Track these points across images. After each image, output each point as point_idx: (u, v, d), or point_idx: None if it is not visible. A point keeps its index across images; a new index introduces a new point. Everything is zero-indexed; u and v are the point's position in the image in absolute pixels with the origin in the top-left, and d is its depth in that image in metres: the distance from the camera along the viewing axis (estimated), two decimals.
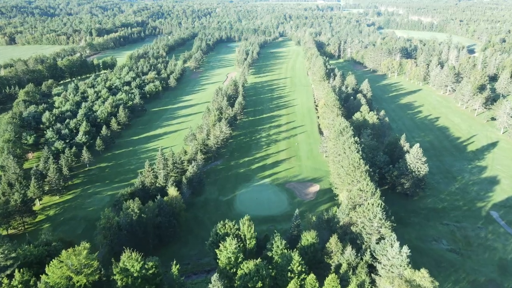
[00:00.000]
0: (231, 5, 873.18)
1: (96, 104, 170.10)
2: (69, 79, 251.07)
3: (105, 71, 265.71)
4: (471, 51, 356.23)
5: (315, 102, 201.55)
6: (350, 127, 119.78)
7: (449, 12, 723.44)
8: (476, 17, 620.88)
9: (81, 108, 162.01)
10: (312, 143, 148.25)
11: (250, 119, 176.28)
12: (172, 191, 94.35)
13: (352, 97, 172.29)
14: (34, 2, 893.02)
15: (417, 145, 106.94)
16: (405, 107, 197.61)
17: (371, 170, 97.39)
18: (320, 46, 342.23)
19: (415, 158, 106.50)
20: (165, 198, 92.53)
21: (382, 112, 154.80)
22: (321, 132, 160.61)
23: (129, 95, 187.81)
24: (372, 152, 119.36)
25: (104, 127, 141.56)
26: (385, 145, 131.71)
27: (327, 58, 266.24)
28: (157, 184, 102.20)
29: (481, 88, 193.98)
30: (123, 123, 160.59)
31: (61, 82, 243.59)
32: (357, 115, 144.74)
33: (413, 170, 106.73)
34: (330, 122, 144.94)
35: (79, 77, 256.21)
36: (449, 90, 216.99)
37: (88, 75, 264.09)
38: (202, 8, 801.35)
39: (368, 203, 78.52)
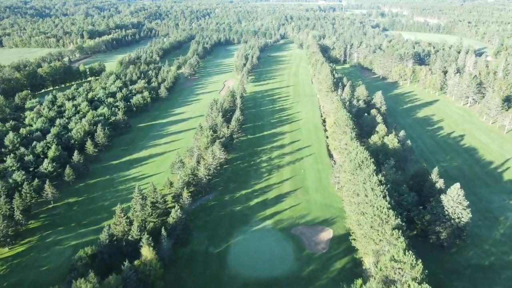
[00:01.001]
0: (230, 6, 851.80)
1: (72, 120, 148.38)
2: (52, 88, 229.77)
3: (92, 78, 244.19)
4: (482, 55, 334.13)
5: (321, 116, 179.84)
6: (370, 158, 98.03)
7: (455, 13, 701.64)
8: (484, 18, 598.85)
9: (54, 126, 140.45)
10: (320, 170, 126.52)
11: (249, 137, 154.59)
12: (146, 251, 72.75)
13: (366, 114, 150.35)
14: (30, 2, 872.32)
15: (457, 186, 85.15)
16: (423, 121, 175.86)
17: (403, 224, 75.61)
18: (325, 50, 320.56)
19: (455, 202, 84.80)
20: (136, 262, 71.01)
21: (402, 133, 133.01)
22: (330, 155, 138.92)
23: (112, 109, 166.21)
24: (396, 188, 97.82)
25: (76, 152, 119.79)
26: (410, 176, 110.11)
27: (334, 65, 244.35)
28: (129, 237, 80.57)
29: (507, 100, 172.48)
30: (102, 144, 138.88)
31: (43, 91, 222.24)
32: (374, 138, 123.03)
33: (452, 216, 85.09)
34: (342, 146, 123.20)
35: (63, 85, 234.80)
36: (470, 102, 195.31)
37: (73, 83, 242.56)
38: (201, 8, 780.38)
39: (409, 286, 56.88)
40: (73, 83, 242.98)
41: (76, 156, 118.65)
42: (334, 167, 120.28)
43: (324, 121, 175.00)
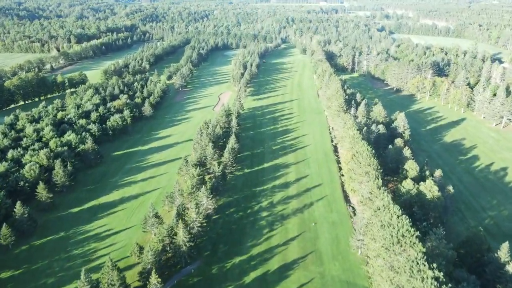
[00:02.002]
0: (230, 7, 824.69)
1: (28, 152, 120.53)
2: (24, 103, 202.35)
3: (68, 91, 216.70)
4: (499, 61, 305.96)
5: (332, 141, 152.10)
6: (413, 231, 70.06)
7: (464, 15, 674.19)
8: (495, 21, 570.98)
9: (3, 162, 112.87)
10: (336, 223, 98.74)
11: (245, 172, 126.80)
12: None
13: (390, 146, 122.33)
14: (25, 3, 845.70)
15: None
16: (453, 148, 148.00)
17: None
18: (331, 57, 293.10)
19: None
20: None
21: (439, 173, 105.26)
22: (346, 197, 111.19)
23: (83, 134, 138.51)
24: (448, 268, 70.23)
25: (18, 204, 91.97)
26: (459, 243, 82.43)
27: (344, 78, 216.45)
28: None
29: None
30: (62, 184, 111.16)
31: (12, 106, 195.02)
32: (406, 185, 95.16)
33: None
34: (365, 194, 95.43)
35: (37, 99, 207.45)
36: (505, 122, 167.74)
37: (50, 96, 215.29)
38: (200, 10, 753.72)
39: None
40: (50, 96, 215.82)
41: (19, 209, 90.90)
42: (354, 223, 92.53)
43: (335, 148, 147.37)
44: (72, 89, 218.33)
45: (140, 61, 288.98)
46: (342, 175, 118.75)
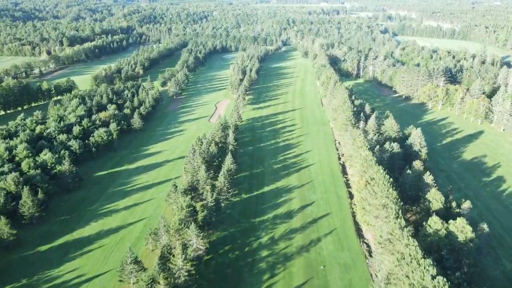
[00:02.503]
0: (229, 8, 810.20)
1: None
2: (4, 113, 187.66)
3: (59, 97, 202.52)
4: (508, 65, 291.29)
5: (339, 159, 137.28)
6: None
7: (468, 16, 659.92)
8: (501, 23, 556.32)
9: None
10: (349, 266, 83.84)
11: (243, 197, 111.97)
12: None
13: (408, 170, 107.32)
14: (21, 3, 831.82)
15: None
16: (475, 168, 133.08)
17: None
18: (334, 62, 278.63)
19: None
20: None
21: (467, 205, 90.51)
22: (359, 233, 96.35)
23: (62, 152, 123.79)
24: None
25: None
26: None
27: (350, 87, 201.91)
28: None
29: None
30: (30, 216, 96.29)
31: None
32: (434, 224, 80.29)
33: None
34: (384, 235, 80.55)
35: (20, 108, 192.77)
36: None
37: (34, 104, 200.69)
38: (198, 11, 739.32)
39: None
40: (34, 104, 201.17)
41: None
42: (370, 266, 77.74)
43: (343, 167, 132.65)
44: (60, 97, 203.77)
45: (134, 65, 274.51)
46: (353, 204, 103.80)
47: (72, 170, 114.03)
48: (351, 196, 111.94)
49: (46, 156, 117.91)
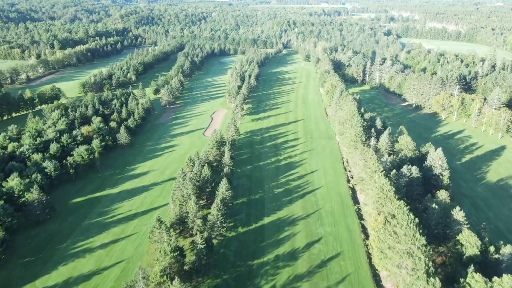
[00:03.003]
0: (229, 9, 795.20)
1: None
2: None
3: (42, 106, 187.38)
4: None
5: (349, 182, 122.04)
6: None
7: (473, 18, 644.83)
8: (508, 24, 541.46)
9: None
10: None
11: (240, 231, 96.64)
12: None
13: (428, 197, 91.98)
14: (18, 4, 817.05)
15: None
16: (503, 193, 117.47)
17: None
18: (338, 67, 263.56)
19: None
20: None
21: (508, 250, 75.20)
22: (377, 281, 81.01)
23: (33, 175, 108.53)
24: None
25: None
26: None
27: (357, 97, 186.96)
28: None
29: None
30: None
31: None
32: (475, 283, 64.87)
33: None
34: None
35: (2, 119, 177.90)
36: None
37: (15, 115, 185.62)
38: (197, 12, 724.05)
39: None
40: (16, 114, 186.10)
41: None
42: None
43: (353, 190, 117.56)
44: (44, 106, 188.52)
45: (126, 70, 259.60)
46: (369, 244, 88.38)
47: (42, 200, 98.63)
48: (364, 229, 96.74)
49: (14, 181, 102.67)
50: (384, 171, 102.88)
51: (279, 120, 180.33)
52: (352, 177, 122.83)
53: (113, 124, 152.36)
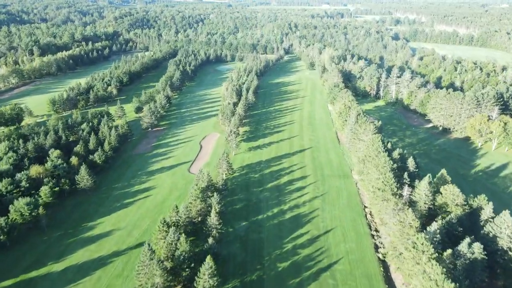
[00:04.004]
0: (227, 11, 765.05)
1: None
2: None
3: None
4: None
5: (377, 249, 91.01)
6: None
7: (483, 20, 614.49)
8: None
9: None
10: None
11: None
12: None
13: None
14: (10, 6, 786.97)
15: None
16: None
17: None
18: (347, 78, 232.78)
19: None
20: None
21: None
22: None
23: None
24: None
25: None
26: None
27: (378, 125, 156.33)
28: None
29: None
30: None
31: None
32: None
33: None
34: None
35: None
36: None
37: None
38: (194, 14, 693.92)
39: None
40: None
41: None
42: None
43: (383, 262, 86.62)
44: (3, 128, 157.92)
45: (109, 82, 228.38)
46: None
47: None
48: None
49: None
50: (435, 250, 72.16)
51: (282, 148, 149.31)
52: (381, 244, 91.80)
53: (74, 160, 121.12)
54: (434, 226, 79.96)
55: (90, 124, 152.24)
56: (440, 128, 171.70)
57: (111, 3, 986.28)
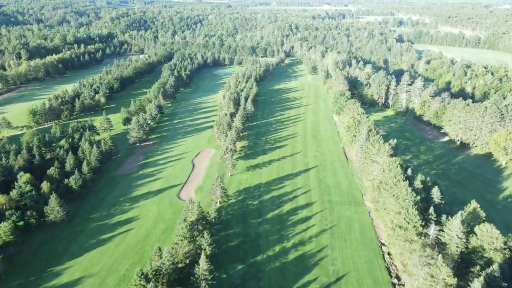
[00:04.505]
0: (227, 11, 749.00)
1: None
2: None
3: None
4: None
5: None
6: None
7: (489, 22, 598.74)
8: None
9: None
10: None
11: None
12: None
13: None
14: (5, 6, 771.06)
15: None
16: None
17: None
18: (353, 85, 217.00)
19: None
20: None
21: None
22: None
23: None
24: None
25: None
26: None
27: (392, 143, 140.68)
28: None
29: None
30: None
31: None
32: None
33: None
34: None
35: None
36: None
37: None
38: (193, 14, 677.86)
39: None
40: None
41: None
42: None
43: None
44: None
45: (97, 88, 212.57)
46: None
47: None
48: None
49: None
50: None
51: (283, 167, 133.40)
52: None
53: (45, 186, 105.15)
54: (476, 285, 64.07)
55: (70, 140, 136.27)
56: (458, 143, 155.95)
57: (109, 3, 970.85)
